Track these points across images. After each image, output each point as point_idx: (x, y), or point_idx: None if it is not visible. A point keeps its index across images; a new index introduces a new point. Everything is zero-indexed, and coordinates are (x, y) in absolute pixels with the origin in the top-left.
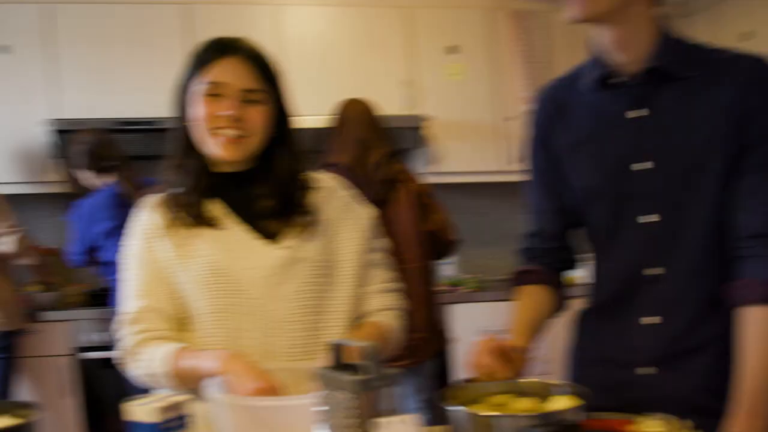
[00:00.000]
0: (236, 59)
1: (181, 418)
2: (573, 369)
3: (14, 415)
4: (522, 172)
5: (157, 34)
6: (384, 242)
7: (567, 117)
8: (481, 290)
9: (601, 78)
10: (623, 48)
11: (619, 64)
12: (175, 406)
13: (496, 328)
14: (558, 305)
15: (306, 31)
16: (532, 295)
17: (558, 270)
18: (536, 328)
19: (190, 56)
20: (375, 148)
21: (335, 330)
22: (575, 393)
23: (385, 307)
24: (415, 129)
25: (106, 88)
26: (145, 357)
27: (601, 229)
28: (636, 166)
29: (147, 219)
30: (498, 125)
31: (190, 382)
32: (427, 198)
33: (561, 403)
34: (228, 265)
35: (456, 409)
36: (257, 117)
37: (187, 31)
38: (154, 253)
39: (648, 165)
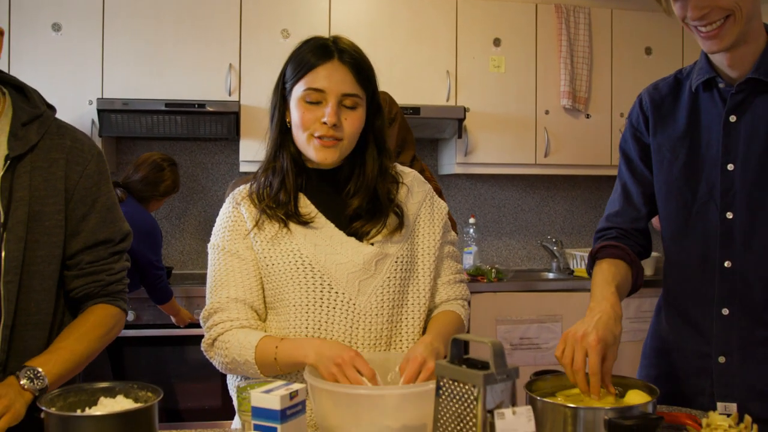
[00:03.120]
0: (337, 64)
1: (300, 404)
2: (650, 355)
3: (135, 398)
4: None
5: (207, 17)
6: (453, 235)
7: (665, 115)
8: (499, 280)
9: (707, 82)
10: (736, 66)
11: (726, 72)
12: (296, 393)
13: (514, 317)
14: (634, 284)
15: (354, 18)
16: (614, 266)
17: (634, 251)
18: (621, 294)
19: (291, 58)
20: (408, 150)
21: (414, 321)
22: (644, 387)
23: (454, 297)
24: (456, 120)
25: (153, 69)
26: (231, 345)
27: (680, 219)
28: (729, 167)
29: (236, 212)
30: (534, 119)
31: (278, 370)
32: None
33: (635, 397)
34: (319, 260)
35: (541, 400)
36: (354, 121)
37: (237, 14)
38: (241, 246)
39: (734, 166)
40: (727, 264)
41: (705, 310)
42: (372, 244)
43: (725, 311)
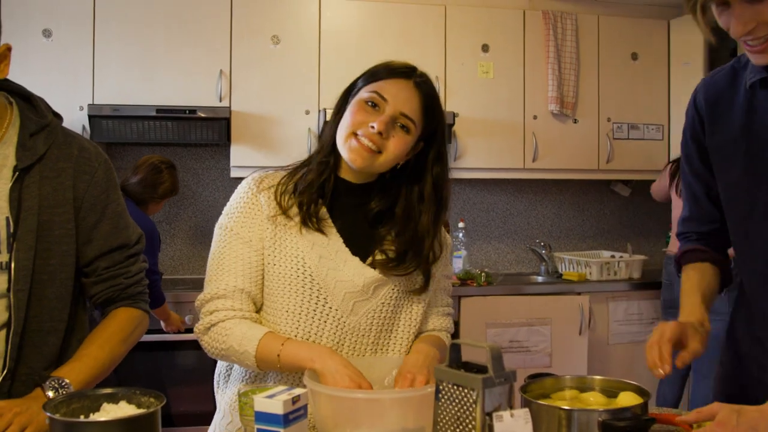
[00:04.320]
0: (407, 84)
1: (302, 408)
2: (725, 356)
3: (138, 404)
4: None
5: (197, 23)
6: (450, 268)
7: (720, 114)
8: (488, 284)
9: (763, 80)
10: None
11: None
12: (298, 398)
13: (503, 321)
14: (724, 281)
15: (344, 24)
16: (699, 272)
17: (719, 249)
18: (708, 302)
19: (366, 72)
20: None
21: (401, 343)
22: (636, 389)
23: (440, 328)
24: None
25: (144, 75)
26: (232, 333)
27: (741, 229)
28: None
29: (255, 200)
30: (523, 124)
31: (277, 368)
32: None
33: (627, 399)
34: (320, 273)
35: (536, 402)
36: (399, 142)
37: (227, 21)
38: (254, 235)
39: None
40: None
41: (766, 324)
42: (374, 267)
43: None
